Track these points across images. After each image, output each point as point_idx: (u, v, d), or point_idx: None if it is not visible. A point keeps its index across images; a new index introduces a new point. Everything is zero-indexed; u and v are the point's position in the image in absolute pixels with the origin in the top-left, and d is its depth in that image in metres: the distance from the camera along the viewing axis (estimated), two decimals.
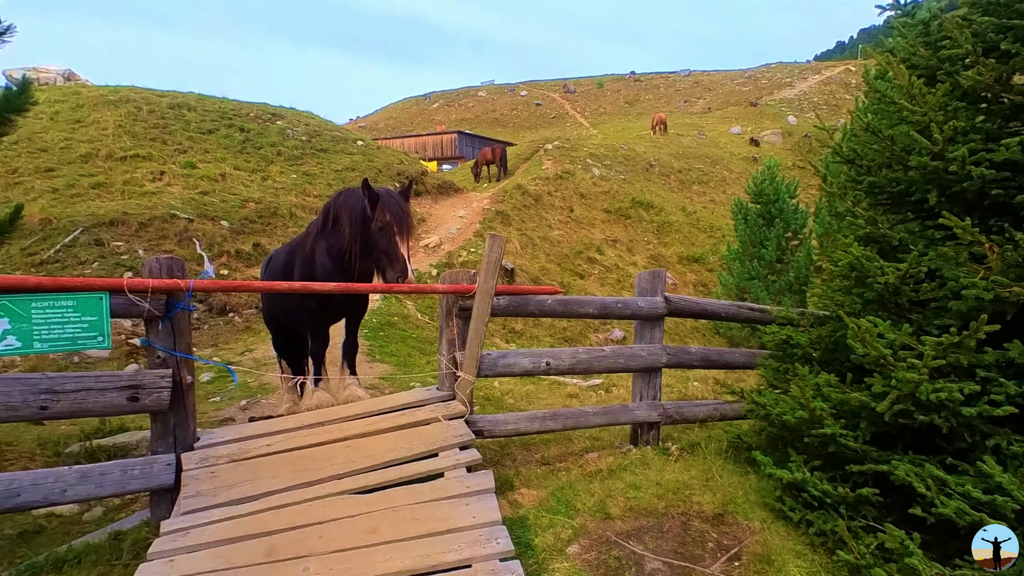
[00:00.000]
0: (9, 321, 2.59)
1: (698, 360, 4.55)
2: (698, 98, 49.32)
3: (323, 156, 17.27)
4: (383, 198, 3.85)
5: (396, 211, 3.84)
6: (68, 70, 21.89)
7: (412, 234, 3.95)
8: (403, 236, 3.83)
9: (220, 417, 5.41)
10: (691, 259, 18.35)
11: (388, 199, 3.87)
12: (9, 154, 12.13)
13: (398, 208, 3.86)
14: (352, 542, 2.52)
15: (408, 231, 3.88)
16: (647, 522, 3.11)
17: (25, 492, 2.66)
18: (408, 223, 3.89)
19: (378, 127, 51.25)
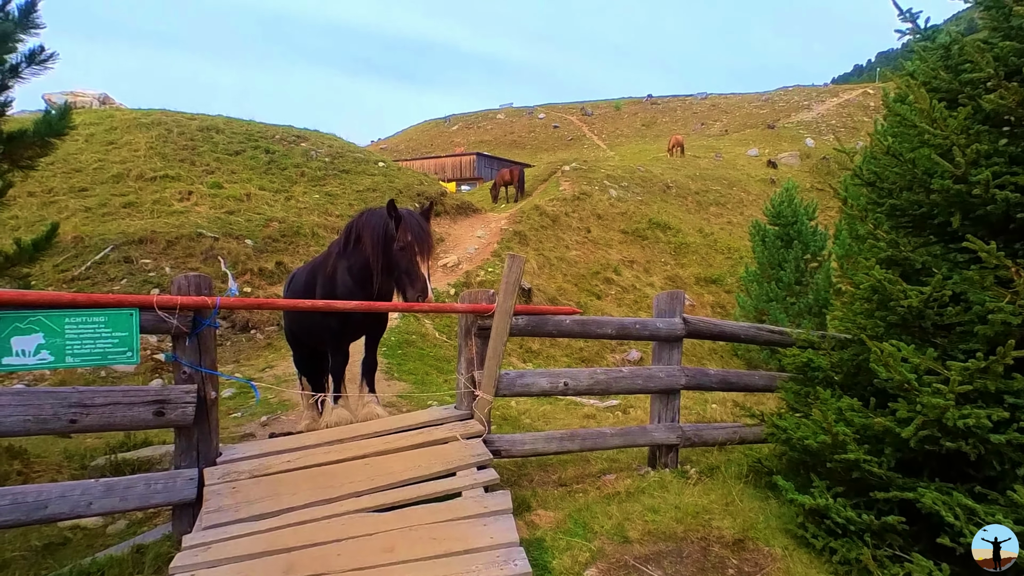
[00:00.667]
0: (43, 336, 2.65)
1: (717, 382, 4.50)
2: (715, 121, 49.38)
3: (345, 177, 17.55)
4: (405, 219, 3.90)
5: (417, 231, 3.89)
6: (104, 94, 22.64)
7: (432, 254, 3.98)
8: (424, 256, 3.87)
9: (241, 432, 5.46)
10: (708, 280, 18.21)
11: (410, 220, 3.92)
12: (46, 174, 12.53)
13: (419, 228, 3.90)
14: (370, 560, 2.50)
15: (429, 251, 3.91)
16: (666, 546, 3.05)
17: (53, 504, 2.70)
18: (429, 243, 3.93)
19: (399, 148, 52.04)
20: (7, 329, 2.59)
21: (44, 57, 4.33)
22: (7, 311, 2.60)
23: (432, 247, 3.98)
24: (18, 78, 4.26)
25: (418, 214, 4.03)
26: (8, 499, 2.63)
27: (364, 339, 4.57)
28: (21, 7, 4.25)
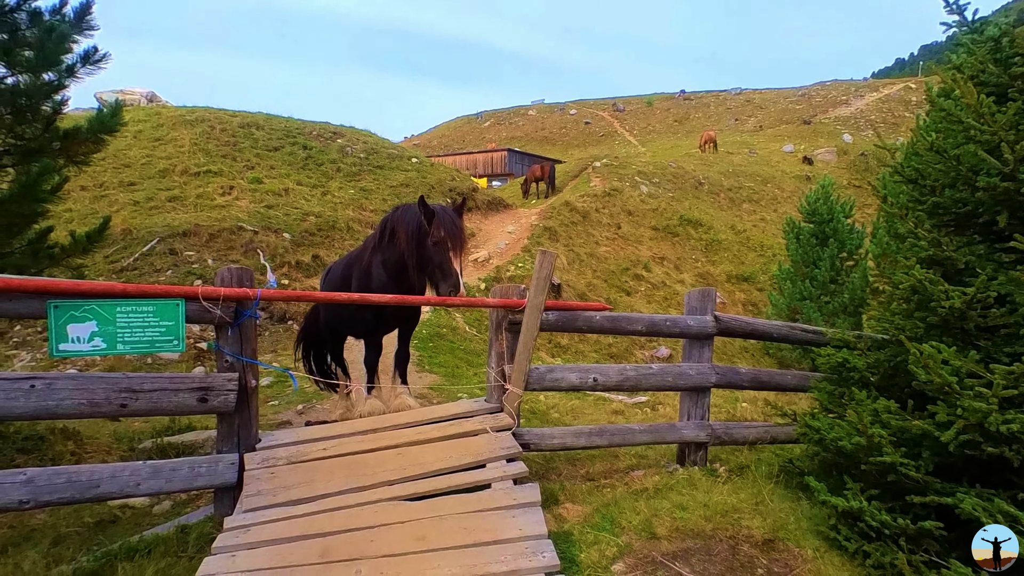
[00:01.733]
0: (97, 324, 2.76)
1: (748, 381, 4.42)
2: (749, 116, 48.31)
3: (379, 172, 17.76)
4: (438, 214, 3.93)
5: (450, 227, 3.91)
6: (151, 92, 23.34)
7: (465, 250, 4.00)
8: (456, 251, 3.89)
9: (278, 420, 5.59)
10: (740, 278, 17.88)
11: (443, 215, 3.95)
12: (97, 169, 12.98)
13: (452, 224, 3.93)
14: (402, 548, 2.54)
15: (461, 247, 3.93)
16: (694, 544, 3.02)
17: (104, 483, 2.81)
18: (461, 239, 3.94)
19: (431, 145, 52.34)
20: (64, 317, 2.70)
21: (98, 57, 4.49)
22: (64, 300, 2.71)
23: (465, 242, 3.99)
24: (74, 77, 4.42)
25: (451, 210, 4.05)
26: (63, 477, 2.75)
27: (398, 332, 4.63)
28: (76, 10, 4.42)
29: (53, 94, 4.39)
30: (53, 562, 2.78)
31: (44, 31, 4.18)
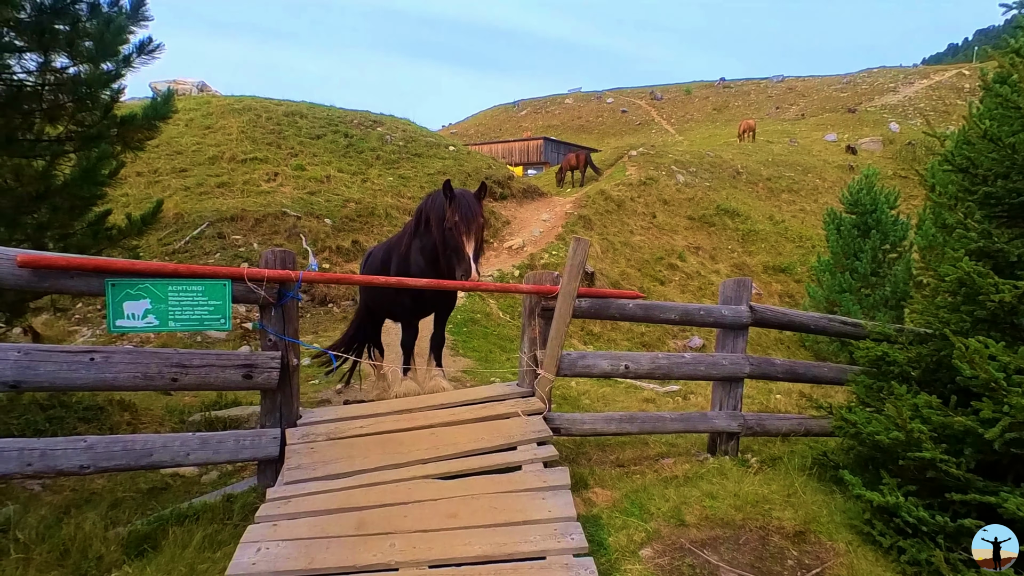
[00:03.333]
0: (150, 302, 2.87)
1: (783, 372, 4.32)
2: (791, 104, 46.72)
3: (417, 160, 17.87)
4: (456, 199, 3.92)
5: (465, 211, 3.88)
6: (202, 82, 23.95)
7: (480, 234, 3.93)
8: (469, 236, 3.85)
9: (318, 398, 5.73)
10: (778, 269, 17.41)
11: (461, 200, 3.92)
12: (151, 156, 13.43)
13: (467, 209, 3.89)
14: (434, 524, 2.59)
15: (475, 231, 3.87)
16: (723, 533, 2.98)
17: (157, 453, 2.94)
18: (475, 224, 3.88)
19: (468, 133, 52.36)
20: (120, 295, 2.82)
21: (152, 47, 4.62)
22: (120, 279, 2.83)
23: (480, 227, 3.93)
24: (130, 67, 4.56)
25: (471, 195, 4.02)
26: (120, 445, 2.89)
27: (434, 316, 4.68)
28: (132, 2, 4.54)
29: (111, 83, 4.54)
30: (111, 524, 2.92)
31: (103, 22, 4.31)
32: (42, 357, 2.70)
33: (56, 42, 4.12)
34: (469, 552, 2.40)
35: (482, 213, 4.00)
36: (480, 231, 3.95)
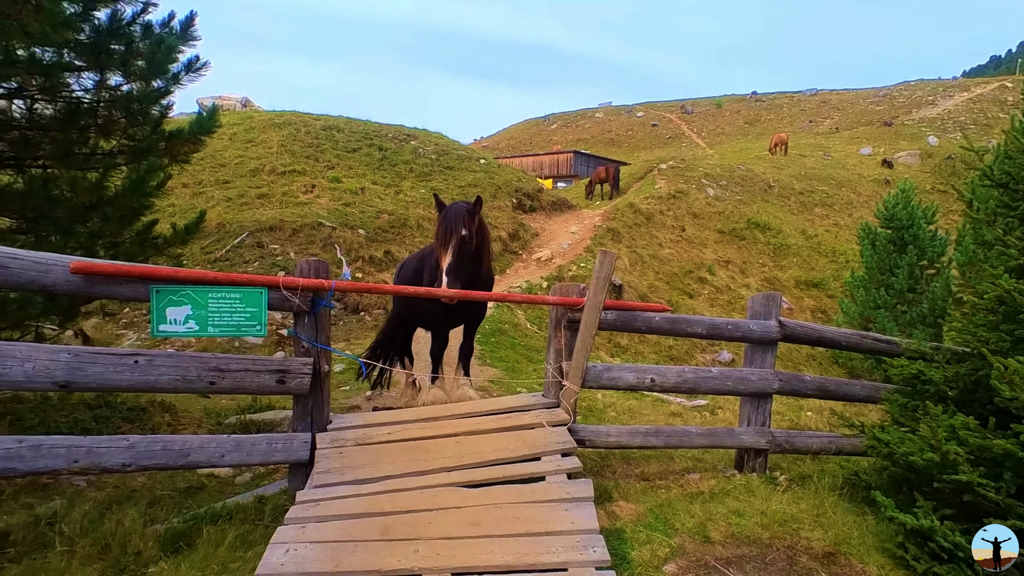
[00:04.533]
0: (191, 308, 2.97)
1: (813, 389, 4.20)
2: (824, 118, 45.81)
3: (449, 173, 18.08)
4: (443, 212, 3.96)
5: (446, 225, 3.89)
6: (246, 98, 24.77)
7: (461, 247, 3.86)
8: (446, 249, 3.85)
9: (348, 404, 5.81)
10: (810, 284, 17.01)
11: (447, 213, 3.95)
12: (196, 168, 13.91)
13: (448, 223, 3.90)
14: (457, 532, 2.59)
15: (453, 244, 3.83)
16: (749, 551, 2.90)
17: (194, 453, 3.02)
18: (454, 237, 3.84)
19: (499, 147, 52.77)
20: (164, 301, 2.92)
21: (199, 65, 4.81)
22: (164, 285, 2.93)
23: (459, 240, 3.85)
24: (178, 84, 4.76)
25: (463, 208, 4.01)
26: (160, 445, 2.98)
27: (463, 326, 4.71)
28: (182, 22, 4.75)
29: (161, 99, 4.75)
30: (149, 521, 3.01)
31: (155, 42, 4.52)
32: (90, 359, 2.81)
33: (111, 61, 4.33)
34: (491, 561, 2.39)
35: (470, 226, 3.91)
36: (462, 244, 3.87)
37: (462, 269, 3.88)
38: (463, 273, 3.89)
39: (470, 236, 3.91)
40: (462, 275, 3.87)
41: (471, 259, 3.98)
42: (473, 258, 4.00)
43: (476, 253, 4.02)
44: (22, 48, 3.90)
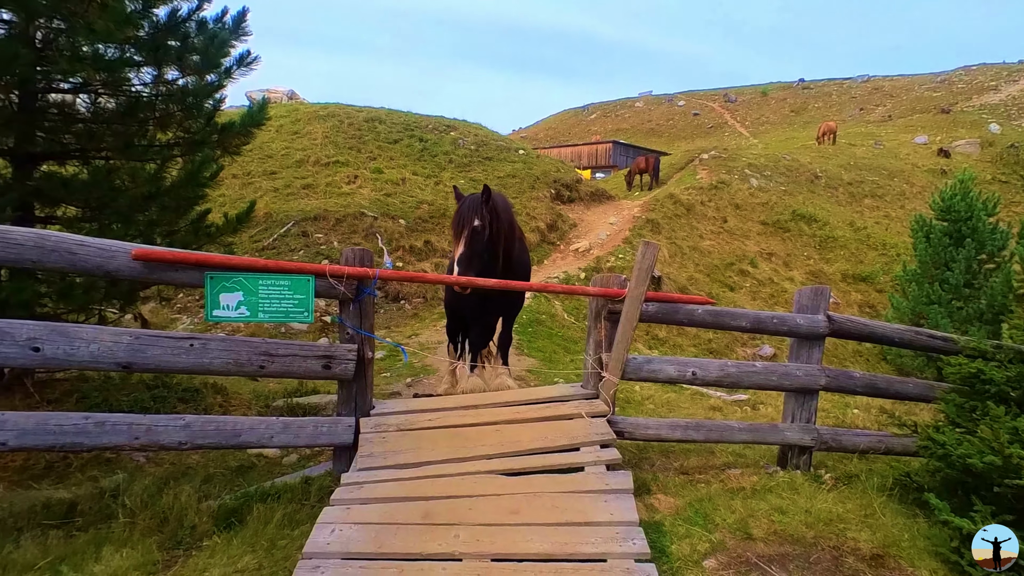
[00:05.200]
0: (243, 294, 3.06)
1: (862, 387, 4.05)
2: (876, 105, 43.79)
3: (488, 164, 18.08)
4: (460, 203, 4.03)
5: (457, 217, 3.99)
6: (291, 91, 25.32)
7: (474, 236, 3.91)
8: (459, 239, 3.91)
9: (389, 391, 5.92)
10: (858, 278, 16.36)
11: (461, 205, 4.02)
12: (245, 159, 14.29)
13: (460, 213, 3.98)
14: (497, 519, 2.61)
15: (462, 235, 3.90)
16: (792, 549, 2.83)
17: (245, 434, 3.13)
18: (463, 228, 3.91)
19: (538, 137, 52.46)
20: (217, 287, 3.02)
21: (250, 60, 4.94)
22: (218, 272, 3.03)
23: (472, 231, 3.91)
24: (230, 78, 4.89)
25: (474, 198, 4.06)
26: (213, 426, 3.09)
27: (502, 316, 4.72)
28: (234, 18, 4.87)
29: (214, 93, 4.89)
30: (203, 497, 3.13)
31: (208, 37, 4.65)
32: (150, 342, 2.94)
33: (169, 57, 4.48)
34: (531, 549, 2.40)
35: (483, 217, 3.96)
36: (474, 234, 3.91)
37: (476, 259, 3.92)
38: (477, 263, 3.92)
39: (483, 227, 3.94)
40: (475, 264, 3.90)
41: (486, 249, 4.00)
42: (488, 248, 4.01)
43: (491, 243, 4.03)
44: (87, 45, 4.07)
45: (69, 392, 4.54)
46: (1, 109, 4.15)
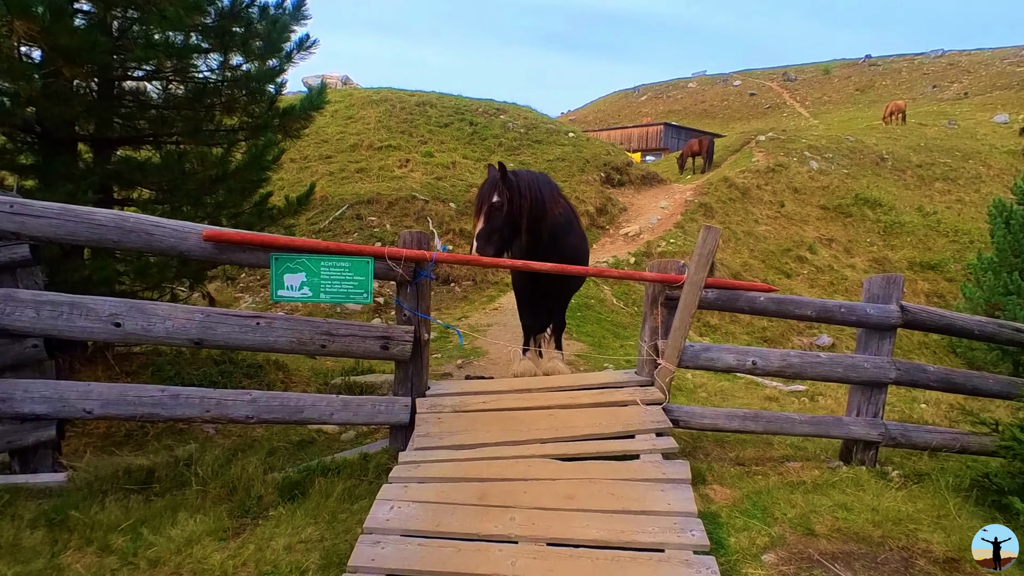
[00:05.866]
0: (305, 275, 3.13)
1: (936, 381, 3.81)
2: (951, 82, 40.84)
3: (537, 147, 17.91)
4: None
5: (478, 194, 3.99)
6: (345, 76, 25.72)
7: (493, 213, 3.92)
8: (478, 216, 3.93)
9: (441, 372, 5.98)
10: (926, 265, 15.42)
11: (482, 183, 4.03)
12: (302, 144, 14.61)
13: (479, 192, 3.99)
14: (552, 503, 2.59)
15: (484, 211, 3.92)
16: (858, 548, 2.70)
17: (307, 410, 3.22)
18: (482, 205, 3.94)
19: (587, 120, 51.56)
20: (281, 268, 3.10)
21: (309, 44, 5.00)
22: (282, 253, 3.10)
23: (490, 207, 3.92)
24: (291, 63, 4.98)
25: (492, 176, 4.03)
26: (277, 401, 3.20)
27: (555, 299, 4.68)
28: (294, 2, 4.93)
29: (275, 77, 4.99)
30: (268, 469, 3.25)
31: (270, 22, 4.73)
32: (219, 319, 3.05)
33: (233, 43, 4.59)
34: (587, 535, 2.38)
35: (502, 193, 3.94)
36: (491, 211, 3.92)
37: (494, 234, 3.93)
38: (496, 238, 3.94)
39: (501, 203, 3.93)
40: (494, 240, 3.92)
41: (505, 224, 3.98)
42: (508, 223, 3.98)
43: (510, 219, 3.99)
44: (158, 32, 4.21)
45: (145, 365, 4.79)
46: (82, 96, 4.36)
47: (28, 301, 2.84)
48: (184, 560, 2.48)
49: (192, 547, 2.55)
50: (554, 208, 4.16)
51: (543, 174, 4.33)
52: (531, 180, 4.08)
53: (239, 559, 2.49)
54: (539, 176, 4.23)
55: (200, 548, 2.54)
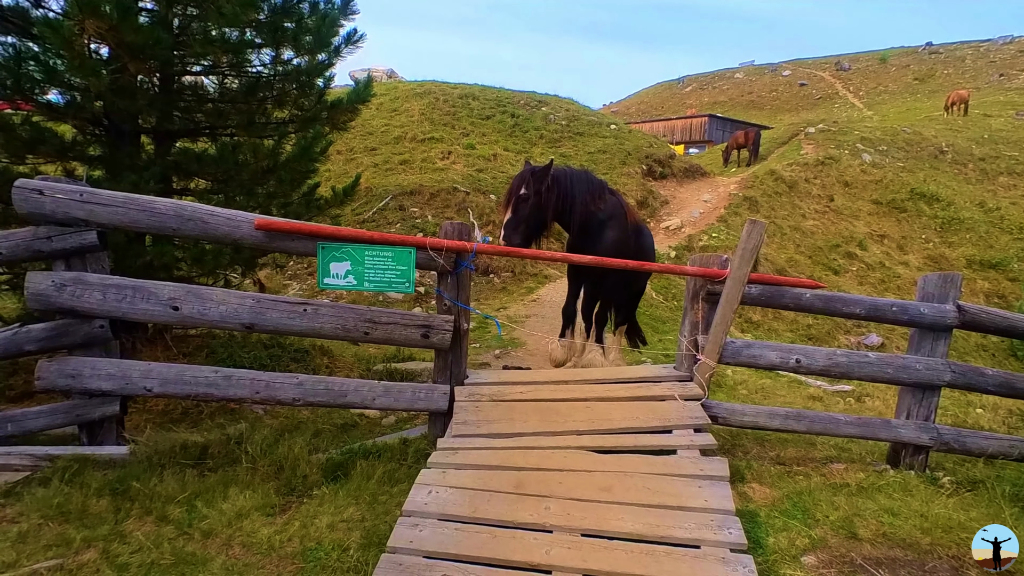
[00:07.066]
0: (350, 264, 3.20)
1: (995, 386, 3.62)
2: (1021, 71, 38.28)
3: (579, 139, 17.74)
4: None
5: (508, 186, 4.18)
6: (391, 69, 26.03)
7: (520, 204, 4.12)
8: (506, 207, 4.16)
9: (478, 361, 6.03)
10: (986, 264, 14.61)
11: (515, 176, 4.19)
12: (348, 136, 14.91)
13: (510, 183, 4.18)
14: (588, 495, 2.59)
15: (511, 203, 4.14)
16: (904, 555, 2.60)
17: (350, 394, 3.31)
18: (512, 196, 4.15)
19: (630, 112, 50.68)
20: (328, 256, 3.18)
21: (357, 38, 5.08)
22: (328, 242, 3.18)
23: (518, 199, 4.11)
24: (339, 56, 5.06)
25: (524, 170, 4.22)
26: (323, 385, 3.29)
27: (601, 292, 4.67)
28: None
29: (324, 71, 5.09)
30: (313, 449, 3.36)
31: (319, 17, 4.83)
32: (269, 305, 3.16)
33: (285, 38, 4.70)
34: (622, 528, 2.37)
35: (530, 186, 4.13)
36: (518, 202, 4.11)
37: (521, 224, 4.12)
38: (523, 228, 4.13)
39: (528, 196, 4.11)
40: (520, 230, 4.12)
41: (531, 216, 4.14)
42: (535, 215, 4.15)
43: (537, 212, 4.15)
44: (216, 28, 4.35)
45: (200, 347, 5.01)
46: (145, 91, 4.56)
47: (96, 284, 3.00)
48: (235, 533, 2.59)
49: (242, 521, 2.66)
50: (591, 204, 4.21)
51: (585, 171, 4.35)
52: (563, 176, 4.19)
53: (285, 534, 2.58)
54: (576, 173, 4.29)
55: (249, 522, 2.65)
